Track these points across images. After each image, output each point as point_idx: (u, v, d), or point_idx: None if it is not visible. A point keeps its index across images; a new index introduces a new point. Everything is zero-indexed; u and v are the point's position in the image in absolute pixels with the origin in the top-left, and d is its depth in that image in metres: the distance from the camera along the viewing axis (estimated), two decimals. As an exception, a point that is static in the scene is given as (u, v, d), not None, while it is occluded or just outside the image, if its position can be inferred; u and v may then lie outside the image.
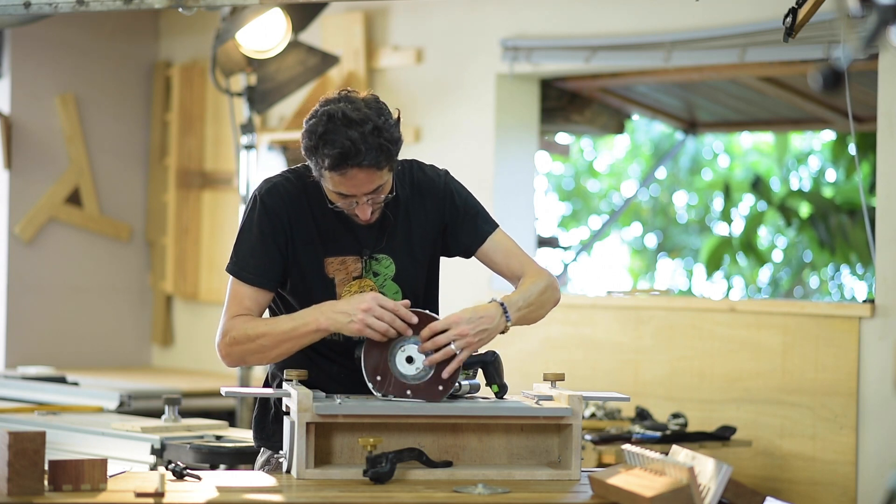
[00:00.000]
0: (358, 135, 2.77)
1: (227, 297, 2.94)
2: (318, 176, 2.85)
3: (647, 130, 12.34)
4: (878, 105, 5.04)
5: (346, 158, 2.76)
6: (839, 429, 5.04)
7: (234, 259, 2.93)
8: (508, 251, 3.08)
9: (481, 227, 3.09)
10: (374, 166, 2.79)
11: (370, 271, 2.95)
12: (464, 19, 6.40)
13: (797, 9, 3.55)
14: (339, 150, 2.76)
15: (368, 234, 2.95)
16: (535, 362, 5.83)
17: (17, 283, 7.08)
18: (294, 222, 2.92)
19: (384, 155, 2.80)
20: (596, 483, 2.59)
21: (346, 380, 2.96)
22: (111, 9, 3.91)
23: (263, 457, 3.05)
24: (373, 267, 2.96)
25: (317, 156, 2.80)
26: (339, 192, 2.83)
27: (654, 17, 5.86)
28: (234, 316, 2.90)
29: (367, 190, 2.82)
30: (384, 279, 2.96)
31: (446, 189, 3.06)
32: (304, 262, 2.92)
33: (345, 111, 2.79)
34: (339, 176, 2.79)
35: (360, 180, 2.80)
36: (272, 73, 5.85)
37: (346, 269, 2.94)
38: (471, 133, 6.34)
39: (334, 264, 2.93)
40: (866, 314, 4.99)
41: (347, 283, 2.93)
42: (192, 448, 3.98)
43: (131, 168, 7.56)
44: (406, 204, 3.00)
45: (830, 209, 9.69)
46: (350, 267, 2.94)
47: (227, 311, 2.91)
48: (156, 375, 6.96)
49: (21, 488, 2.42)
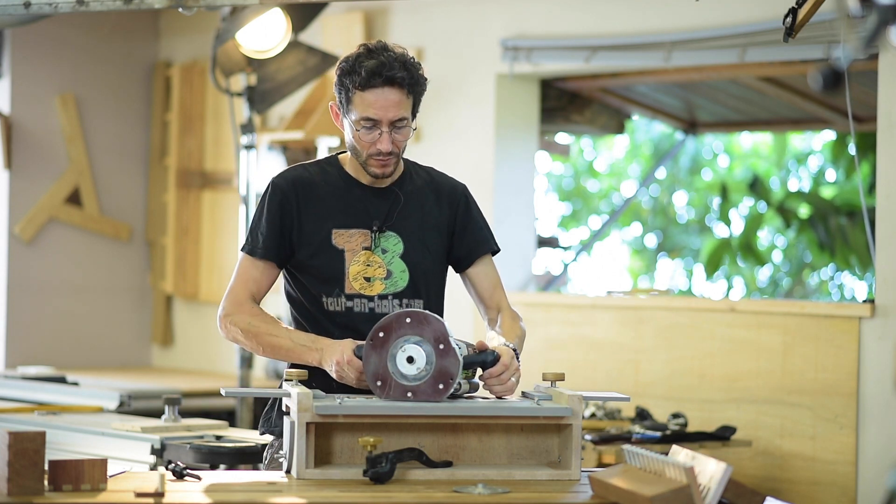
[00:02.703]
0: (394, 56, 2.99)
1: (234, 272, 3.08)
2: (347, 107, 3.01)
3: (647, 130, 12.34)
4: (878, 105, 5.04)
5: (381, 70, 2.95)
6: (839, 429, 5.04)
7: (246, 239, 3.10)
8: (495, 281, 3.22)
9: (486, 243, 3.21)
10: (403, 86, 2.98)
11: (378, 247, 3.05)
12: (464, 19, 6.40)
13: (797, 9, 3.55)
14: (375, 62, 2.96)
15: (377, 211, 3.07)
16: (535, 362, 5.83)
17: (17, 283, 7.08)
18: (304, 199, 3.06)
19: (414, 81, 3.00)
20: (596, 483, 2.59)
21: None
22: (111, 9, 3.91)
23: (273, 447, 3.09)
24: (381, 243, 3.06)
25: (352, 75, 2.98)
26: (366, 118, 2.99)
27: (654, 17, 5.86)
28: (240, 290, 3.05)
29: (393, 115, 2.98)
30: (392, 256, 3.05)
31: (464, 195, 3.21)
32: (313, 234, 3.05)
33: (382, 42, 3.03)
34: (371, 94, 2.97)
35: (389, 101, 2.97)
36: (272, 73, 5.85)
37: (355, 241, 3.05)
38: (471, 133, 6.34)
39: (344, 236, 3.05)
40: (866, 314, 4.99)
41: (356, 254, 3.03)
42: (192, 448, 3.98)
43: (131, 168, 7.56)
44: (420, 194, 3.13)
45: (830, 210, 9.69)
46: (359, 239, 3.05)
47: (234, 284, 3.06)
48: (156, 375, 6.96)
49: (21, 488, 2.42)
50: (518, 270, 6.36)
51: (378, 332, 2.81)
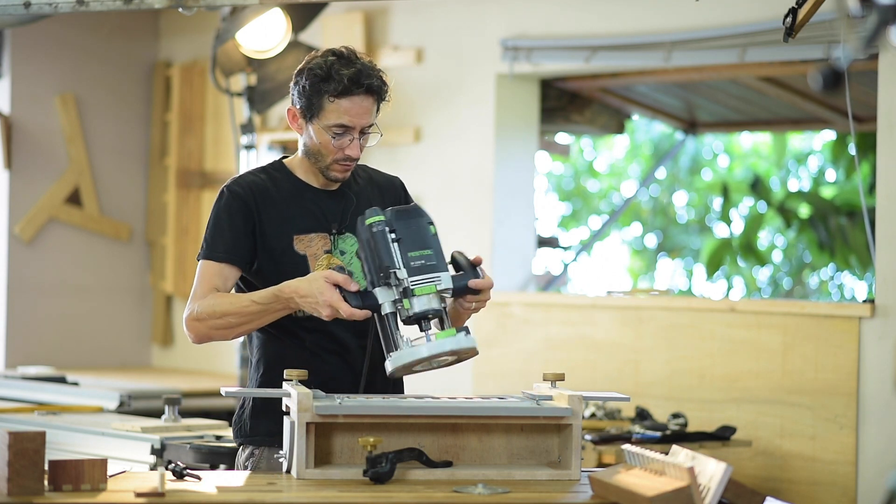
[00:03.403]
0: (367, 64, 3.04)
1: (194, 281, 3.05)
2: (317, 112, 3.02)
3: (647, 130, 12.34)
4: (878, 105, 5.04)
5: (360, 79, 2.99)
6: (839, 429, 5.04)
7: (203, 246, 3.08)
8: None
9: None
10: (377, 94, 3.03)
11: (337, 248, 3.08)
12: (464, 19, 6.40)
13: (797, 9, 3.55)
14: (353, 71, 2.99)
15: (333, 214, 3.10)
16: (535, 362, 5.83)
17: (17, 283, 7.08)
18: (261, 206, 3.07)
19: (384, 88, 3.05)
20: (596, 483, 2.59)
21: (345, 376, 3.02)
22: (111, 9, 3.91)
23: (245, 453, 3.08)
24: (339, 245, 3.08)
25: (328, 82, 2.99)
26: (340, 124, 3.01)
27: (654, 17, 5.86)
28: (202, 292, 3.00)
29: (365, 122, 3.02)
30: (350, 256, 3.08)
31: (402, 189, 3.27)
32: (273, 241, 3.05)
33: (350, 49, 3.06)
34: (348, 101, 2.99)
35: (363, 108, 3.01)
36: (272, 73, 5.85)
37: (316, 246, 3.07)
38: (471, 133, 6.34)
39: (304, 241, 3.07)
40: (866, 314, 4.99)
41: (318, 258, 3.05)
42: (192, 448, 3.98)
43: (131, 168, 7.56)
44: (365, 192, 3.17)
45: (830, 211, 9.68)
46: (319, 243, 3.07)
47: (194, 292, 3.02)
48: (156, 375, 6.96)
49: (21, 488, 2.42)
50: (518, 270, 6.36)
51: None
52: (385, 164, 6.51)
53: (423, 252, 2.83)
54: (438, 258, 2.84)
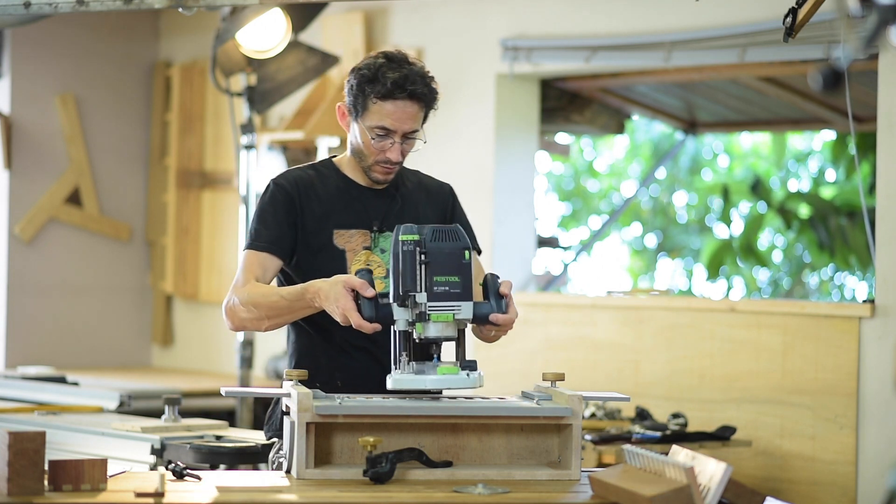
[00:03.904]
0: (416, 69, 3.05)
1: (237, 270, 3.09)
2: (362, 112, 3.04)
3: (647, 130, 12.34)
4: (878, 105, 5.04)
5: (405, 84, 3.01)
6: (839, 429, 5.04)
7: (247, 237, 3.13)
8: (478, 273, 3.15)
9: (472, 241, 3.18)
10: (423, 101, 3.05)
11: (377, 247, 3.11)
12: (464, 19, 6.40)
13: (797, 9, 3.55)
14: (399, 75, 3.01)
15: (376, 211, 3.12)
16: (535, 362, 5.83)
17: (17, 283, 7.08)
18: (304, 199, 3.10)
19: (432, 96, 3.06)
20: (596, 483, 2.59)
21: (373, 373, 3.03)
22: (111, 9, 3.91)
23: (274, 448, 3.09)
24: (380, 243, 3.11)
25: (373, 84, 3.01)
26: (381, 127, 3.03)
27: (654, 17, 5.86)
28: (242, 280, 3.04)
29: (408, 127, 3.04)
30: (390, 255, 3.02)
31: (451, 196, 3.28)
32: (313, 235, 3.09)
33: (402, 53, 3.08)
34: (391, 104, 3.02)
35: (407, 113, 3.03)
36: (272, 73, 5.84)
37: (356, 241, 3.10)
38: (471, 133, 6.34)
39: (344, 237, 3.10)
40: (866, 314, 4.99)
41: (357, 254, 3.08)
42: (192, 448, 3.98)
43: (131, 168, 7.56)
44: (413, 195, 3.19)
45: (830, 211, 9.68)
46: (359, 239, 3.10)
47: (235, 281, 3.06)
48: (156, 375, 6.96)
49: (21, 488, 2.42)
50: (518, 270, 6.36)
51: None
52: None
53: (450, 278, 2.80)
54: (465, 286, 2.80)
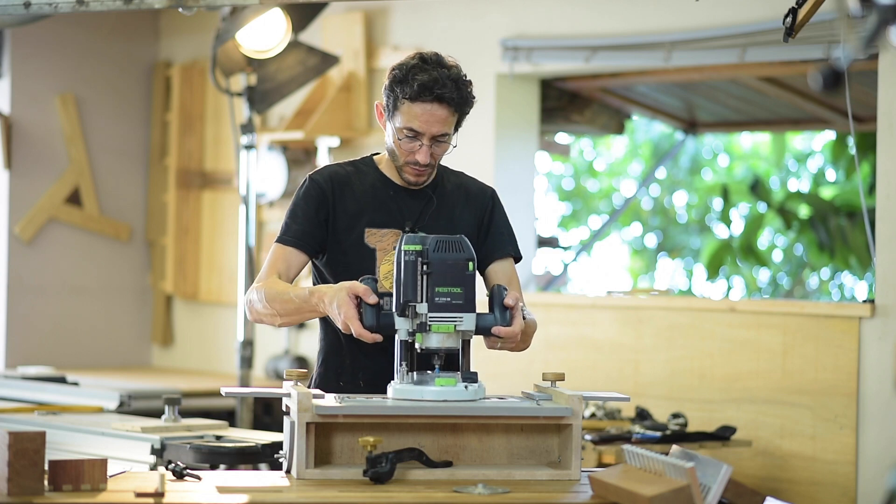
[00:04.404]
0: (447, 73, 3.01)
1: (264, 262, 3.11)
2: (393, 112, 3.04)
3: (647, 130, 12.34)
4: (878, 105, 5.04)
5: (433, 87, 2.98)
6: (839, 429, 5.04)
7: (281, 230, 3.12)
8: (509, 279, 3.18)
9: (503, 247, 3.22)
10: (452, 105, 3.01)
11: None
12: (464, 19, 6.40)
13: (797, 9, 3.55)
14: (428, 77, 2.98)
15: (410, 212, 3.11)
16: (535, 362, 5.83)
17: (17, 283, 7.08)
18: (338, 195, 3.10)
19: (463, 100, 3.03)
20: (596, 483, 2.59)
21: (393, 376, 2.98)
22: (111, 9, 3.91)
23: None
24: None
25: (403, 85, 3.00)
26: (410, 128, 3.02)
27: (654, 17, 5.86)
28: (266, 274, 3.05)
29: (436, 130, 3.02)
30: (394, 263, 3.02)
31: (491, 199, 3.23)
32: (345, 232, 3.08)
33: (438, 55, 3.05)
34: (419, 107, 3.00)
35: (435, 117, 3.00)
36: (272, 73, 5.84)
37: (387, 241, 3.09)
38: (471, 133, 6.32)
39: (376, 235, 3.09)
40: (866, 314, 4.99)
41: (387, 254, 3.07)
42: (192, 448, 3.97)
43: (131, 168, 7.56)
44: (452, 197, 3.17)
45: (830, 211, 9.68)
46: (391, 239, 3.09)
47: (260, 273, 3.08)
48: (156, 375, 6.96)
49: (21, 488, 2.42)
50: (518, 270, 6.35)
51: None
52: (385, 164, 6.54)
53: (452, 290, 2.79)
54: (467, 297, 2.79)
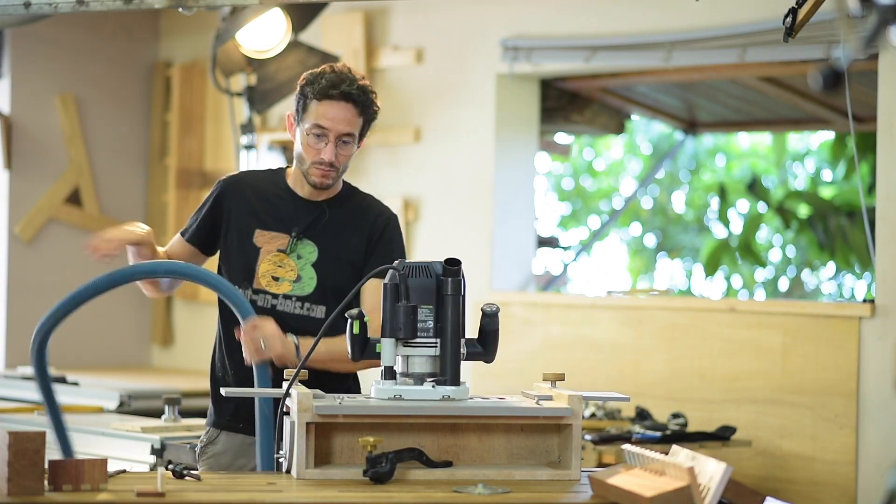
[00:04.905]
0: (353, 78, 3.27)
1: None
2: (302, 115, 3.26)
3: (646, 130, 12.34)
4: (878, 105, 5.04)
5: (340, 85, 3.21)
6: (839, 429, 5.04)
7: None
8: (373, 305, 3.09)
9: None
10: (358, 106, 3.24)
11: (294, 252, 3.29)
12: (464, 19, 6.40)
13: (797, 9, 3.55)
14: (336, 78, 3.23)
15: (300, 220, 3.30)
16: (535, 362, 5.83)
17: (17, 283, 7.08)
18: (239, 197, 3.36)
19: (367, 103, 3.26)
20: (596, 483, 2.59)
21: None
22: (111, 9, 3.91)
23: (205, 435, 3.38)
24: (297, 249, 3.29)
25: (312, 86, 3.24)
26: (317, 125, 3.22)
27: (654, 17, 5.86)
28: None
29: (342, 129, 3.23)
30: (305, 262, 3.29)
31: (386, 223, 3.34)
32: (238, 230, 3.34)
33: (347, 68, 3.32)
34: (326, 104, 3.22)
35: (341, 114, 3.22)
36: (272, 73, 5.85)
37: (273, 243, 3.30)
38: (471, 133, 6.34)
39: (265, 237, 3.32)
40: (866, 314, 4.99)
41: (270, 254, 3.29)
42: (192, 448, 3.98)
43: (131, 168, 7.56)
44: (342, 213, 3.33)
45: (829, 211, 9.68)
46: (277, 242, 3.31)
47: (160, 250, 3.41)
48: (156, 375, 6.96)
49: (21, 488, 2.42)
50: (518, 270, 6.36)
51: None
52: (385, 164, 6.54)
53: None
54: None
